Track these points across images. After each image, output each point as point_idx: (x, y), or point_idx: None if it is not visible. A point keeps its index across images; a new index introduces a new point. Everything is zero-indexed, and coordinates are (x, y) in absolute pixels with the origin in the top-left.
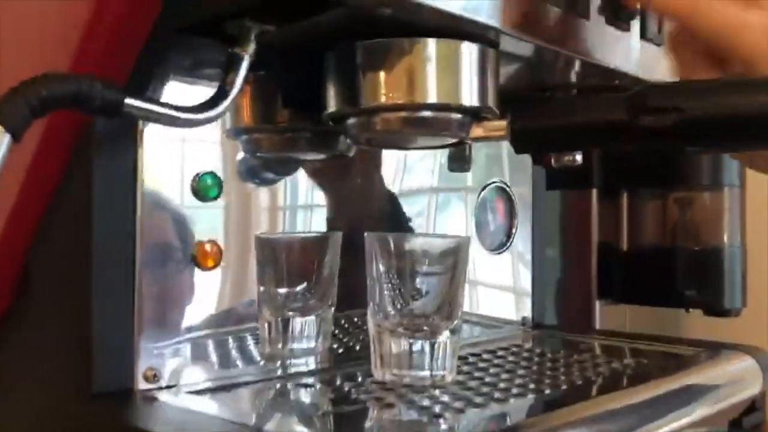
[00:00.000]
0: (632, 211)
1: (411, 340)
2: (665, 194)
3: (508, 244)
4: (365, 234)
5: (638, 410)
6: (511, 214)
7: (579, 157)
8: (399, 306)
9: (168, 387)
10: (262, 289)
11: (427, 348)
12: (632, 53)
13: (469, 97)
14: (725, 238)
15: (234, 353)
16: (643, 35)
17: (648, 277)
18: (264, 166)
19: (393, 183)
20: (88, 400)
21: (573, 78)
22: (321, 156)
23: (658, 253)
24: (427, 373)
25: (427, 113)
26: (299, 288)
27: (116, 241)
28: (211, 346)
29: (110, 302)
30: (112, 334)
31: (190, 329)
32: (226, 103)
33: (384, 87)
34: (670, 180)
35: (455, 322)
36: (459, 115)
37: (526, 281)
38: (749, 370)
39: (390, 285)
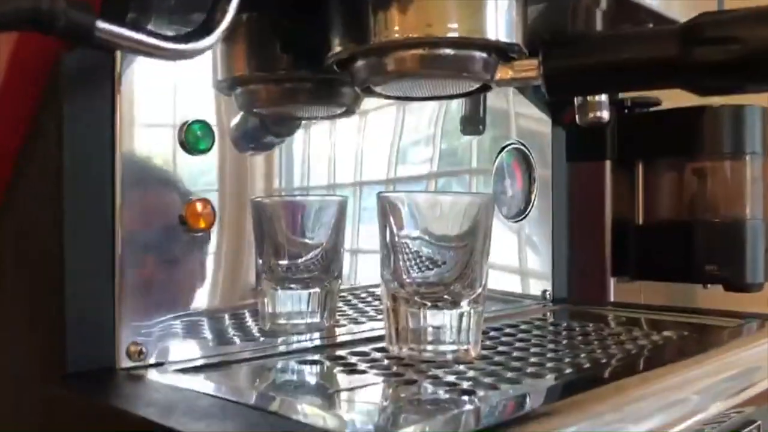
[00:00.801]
0: (648, 183)
1: (430, 311)
2: (682, 164)
3: (527, 212)
4: (377, 194)
5: (689, 387)
6: (529, 178)
7: (606, 114)
8: (416, 273)
9: (156, 365)
10: (260, 260)
11: (448, 319)
12: None
13: (495, 31)
14: (747, 210)
15: (231, 327)
16: None
17: (665, 252)
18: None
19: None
20: (62, 380)
21: (600, 24)
22: (324, 111)
23: (675, 227)
24: (449, 347)
25: (447, 51)
26: (302, 259)
27: (92, 201)
28: (204, 318)
29: (86, 270)
30: (89, 305)
31: (180, 300)
32: (218, 33)
33: (397, 20)
34: (688, 149)
35: (479, 290)
36: (484, 54)
37: (545, 253)
38: None
39: (405, 250)
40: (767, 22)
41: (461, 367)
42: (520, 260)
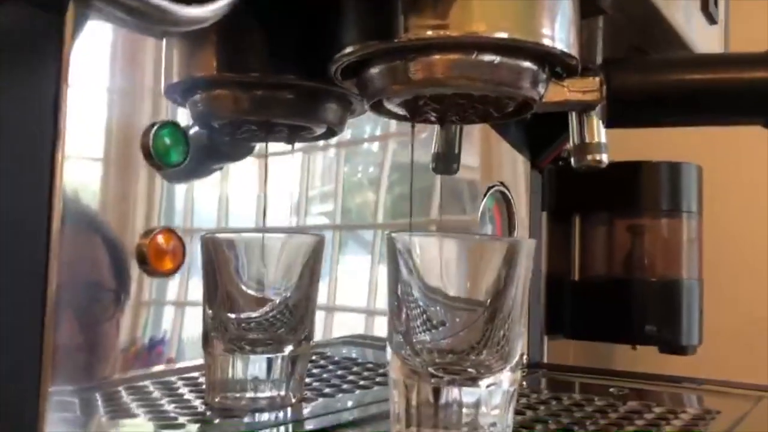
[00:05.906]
0: (585, 238)
1: (452, 387)
2: (620, 220)
3: None
4: (385, 233)
5: None
6: (510, 225)
7: (605, 158)
8: (430, 336)
9: None
10: (209, 311)
11: (472, 398)
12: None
13: (551, 34)
14: (683, 270)
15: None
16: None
17: (601, 311)
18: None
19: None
20: None
21: None
22: (304, 126)
23: (611, 284)
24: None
25: (490, 57)
26: (263, 313)
27: (20, 231)
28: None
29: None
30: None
31: (118, 369)
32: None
33: (430, 15)
34: (625, 204)
35: (516, 359)
36: (533, 66)
37: None
38: None
39: (417, 305)
40: None
41: None
42: None
